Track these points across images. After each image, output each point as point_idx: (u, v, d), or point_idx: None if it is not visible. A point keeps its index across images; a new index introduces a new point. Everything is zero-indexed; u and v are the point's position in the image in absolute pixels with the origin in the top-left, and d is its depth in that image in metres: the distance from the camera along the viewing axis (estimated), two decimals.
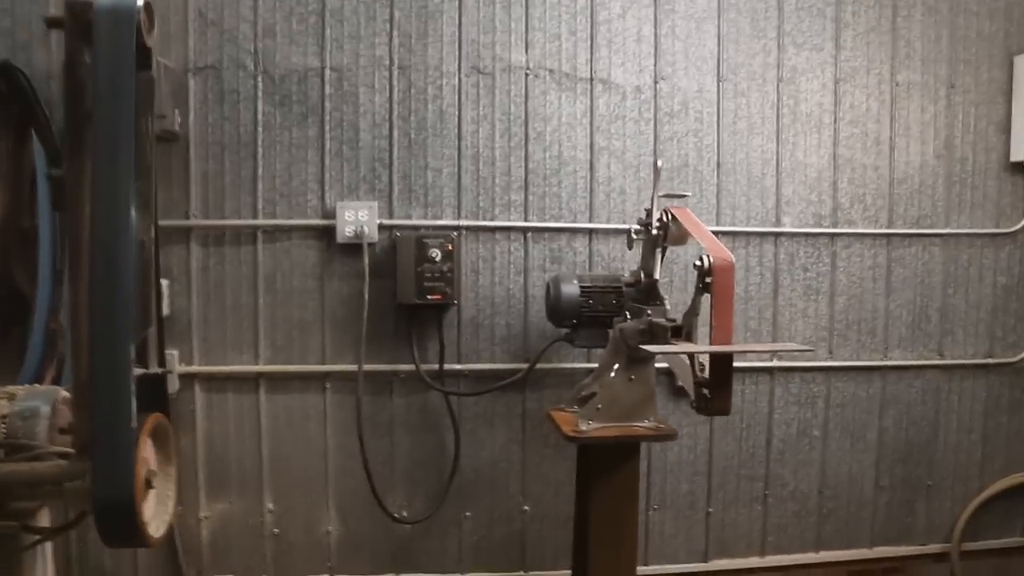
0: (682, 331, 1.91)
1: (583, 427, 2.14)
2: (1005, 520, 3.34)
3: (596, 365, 2.83)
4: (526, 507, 2.90)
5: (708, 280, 1.73)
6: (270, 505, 2.74)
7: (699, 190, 2.91)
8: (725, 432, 3.03)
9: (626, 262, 2.89)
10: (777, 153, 2.99)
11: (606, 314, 2.45)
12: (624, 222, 2.87)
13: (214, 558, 2.73)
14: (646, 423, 2.19)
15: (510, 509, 2.90)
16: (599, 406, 2.16)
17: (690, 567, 3.01)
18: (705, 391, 1.83)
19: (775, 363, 3.04)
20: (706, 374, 1.85)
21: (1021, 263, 3.26)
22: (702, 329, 1.87)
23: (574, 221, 2.85)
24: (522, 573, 2.91)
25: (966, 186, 3.18)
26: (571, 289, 2.43)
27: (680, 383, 2.86)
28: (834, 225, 3.04)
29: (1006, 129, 3.19)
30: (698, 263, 1.78)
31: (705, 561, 3.05)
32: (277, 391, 2.71)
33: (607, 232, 2.88)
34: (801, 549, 3.13)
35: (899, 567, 3.25)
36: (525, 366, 2.81)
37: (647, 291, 2.29)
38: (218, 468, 2.71)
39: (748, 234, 2.96)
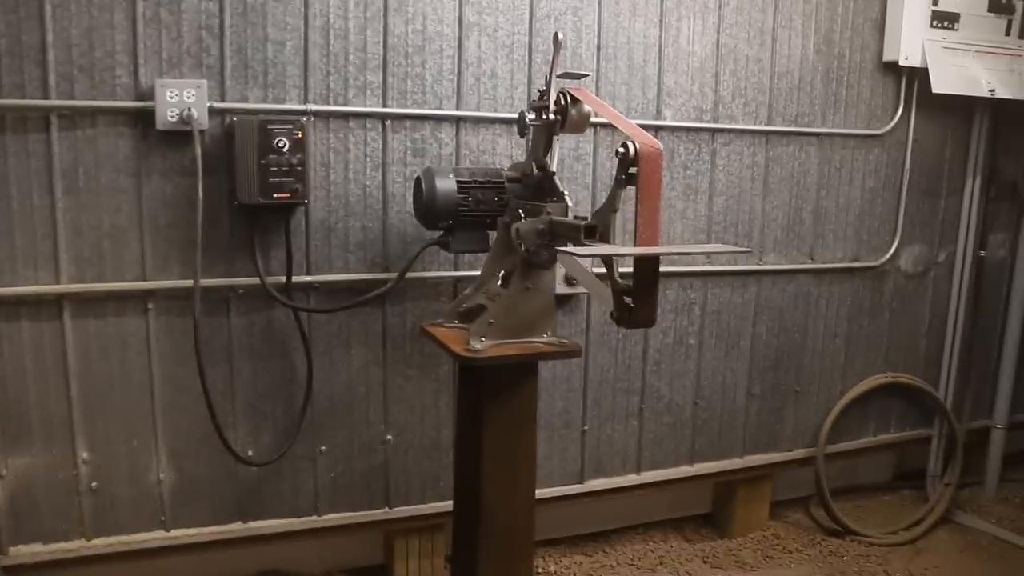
0: (595, 231, 2.17)
1: (476, 345, 2.28)
2: (862, 422, 4.07)
3: (467, 273, 3.10)
4: (389, 436, 3.12)
5: (632, 171, 1.92)
6: (84, 455, 2.70)
7: None
8: (601, 344, 3.39)
9: (497, 156, 3.10)
10: (660, 39, 3.27)
11: (487, 214, 2.64)
12: (495, 110, 3.03)
13: (16, 525, 2.66)
14: (545, 338, 2.39)
15: (371, 440, 3.11)
16: (491, 320, 2.37)
17: (566, 490, 3.39)
18: (628, 300, 2.12)
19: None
20: (626, 281, 2.14)
21: (888, 166, 3.87)
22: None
23: (440, 108, 2.97)
24: (387, 510, 3.15)
25: (842, 84, 3.67)
26: (447, 185, 2.59)
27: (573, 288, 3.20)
28: (715, 120, 3.42)
29: (881, 27, 3.75)
30: (621, 150, 1.94)
31: (581, 483, 3.45)
32: (86, 315, 2.63)
33: (477, 121, 3.02)
34: (675, 463, 3.62)
35: (766, 475, 3.91)
36: (384, 276, 2.96)
37: (539, 186, 2.48)
38: (15, 415, 2.61)
39: None
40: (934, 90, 3.66)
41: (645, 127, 3.15)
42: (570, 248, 2.12)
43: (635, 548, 3.61)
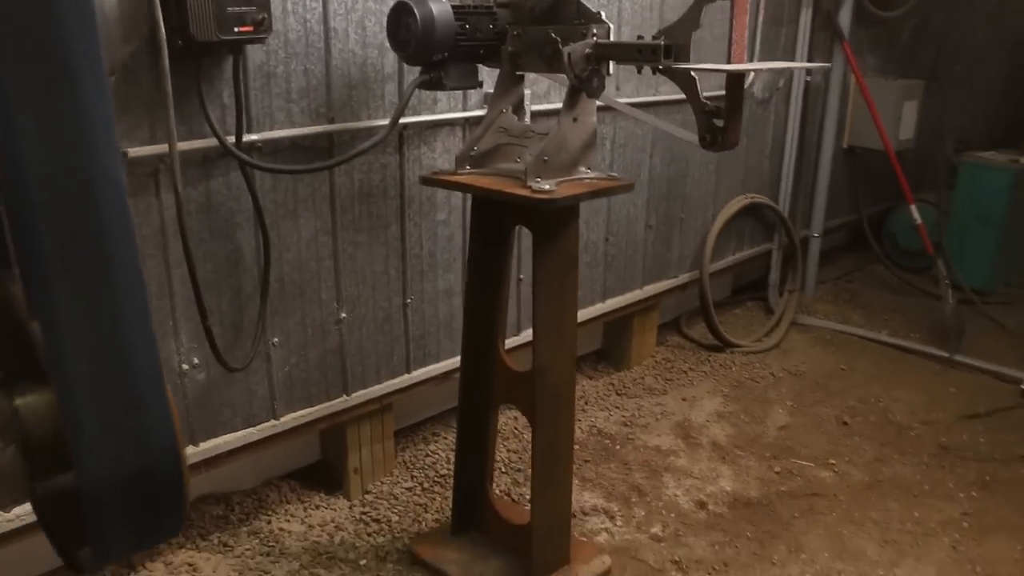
0: (672, 51, 2.04)
1: (546, 187, 2.11)
2: (728, 242, 4.38)
3: (412, 119, 2.79)
4: (343, 314, 2.78)
5: None
6: None
7: None
8: None
9: None
10: None
11: (481, 44, 2.35)
12: None
13: None
14: (592, 172, 2.27)
15: (324, 321, 2.75)
16: (545, 158, 2.17)
17: (511, 342, 3.33)
18: (718, 122, 2.03)
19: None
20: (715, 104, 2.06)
21: None
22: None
23: None
24: (346, 398, 2.86)
25: None
26: (443, 10, 2.24)
27: None
28: None
29: None
30: None
31: (517, 335, 3.41)
32: None
33: None
34: (592, 302, 3.69)
35: (655, 304, 4.10)
36: (331, 128, 2.55)
37: (552, 10, 2.27)
38: None
39: None
40: None
41: None
42: (698, 65, 1.99)
43: None
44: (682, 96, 2.14)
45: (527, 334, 3.37)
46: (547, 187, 2.10)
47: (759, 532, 2.82)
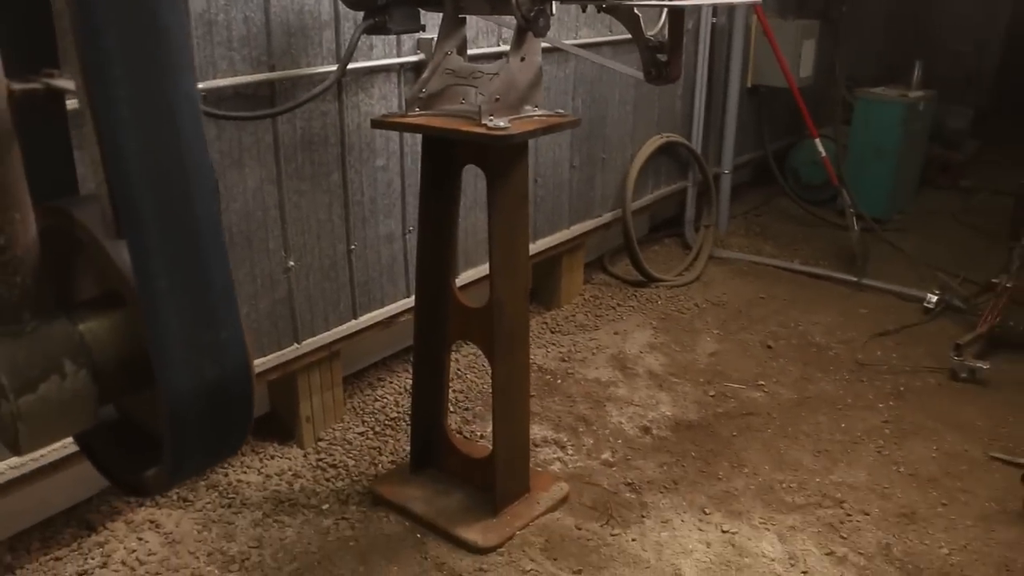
0: None
1: (501, 123, 2.15)
2: (646, 180, 4.55)
3: (365, 64, 2.80)
4: (291, 263, 2.77)
5: None
6: None
7: None
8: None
9: None
10: None
11: None
12: None
13: None
14: (539, 110, 2.33)
15: (272, 270, 2.74)
16: (497, 97, 2.22)
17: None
18: (660, 56, 2.11)
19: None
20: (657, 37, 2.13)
21: None
22: None
23: None
24: (296, 346, 2.86)
25: None
26: None
27: None
28: None
29: None
30: None
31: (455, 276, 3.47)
32: None
33: None
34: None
35: (581, 243, 4.22)
36: (272, 76, 2.53)
37: None
38: None
39: None
40: None
41: None
42: (640, 1, 2.07)
43: None
44: (628, 36, 2.22)
45: (467, 275, 3.45)
46: (502, 124, 2.16)
47: (703, 451, 3.00)
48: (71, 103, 0.95)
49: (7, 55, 0.86)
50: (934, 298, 4.07)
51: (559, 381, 3.44)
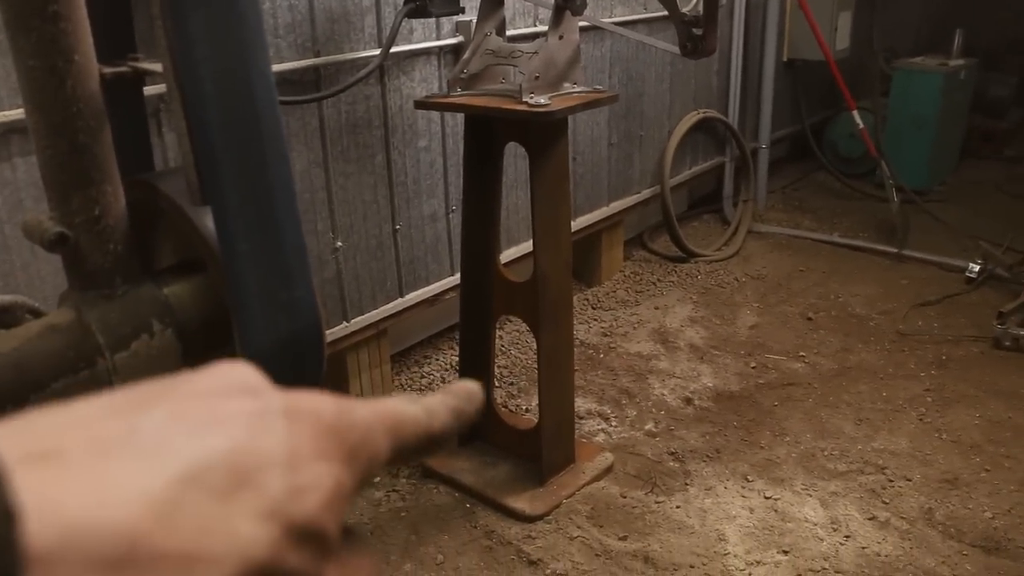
0: None
1: (542, 101, 2.21)
2: (684, 156, 4.58)
3: (406, 48, 2.88)
4: (339, 243, 2.88)
5: None
6: None
7: None
8: None
9: None
10: None
11: None
12: None
13: None
14: (578, 87, 2.40)
15: (321, 251, 2.84)
16: (537, 75, 2.30)
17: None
18: (696, 31, 2.16)
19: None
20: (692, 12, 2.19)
21: None
22: None
23: None
24: (345, 325, 2.97)
25: None
26: None
27: None
28: None
29: None
30: None
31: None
32: None
33: None
34: None
35: (620, 220, 4.27)
36: (318, 61, 2.61)
37: None
38: None
39: None
40: None
41: None
42: None
43: None
44: (662, 14, 2.27)
45: (509, 252, 3.52)
46: (543, 101, 2.22)
47: (744, 421, 3.05)
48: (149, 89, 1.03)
49: (97, 42, 0.94)
50: (976, 267, 4.06)
51: (602, 355, 3.50)
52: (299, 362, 1.02)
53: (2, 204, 2.03)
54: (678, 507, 2.62)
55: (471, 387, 0.48)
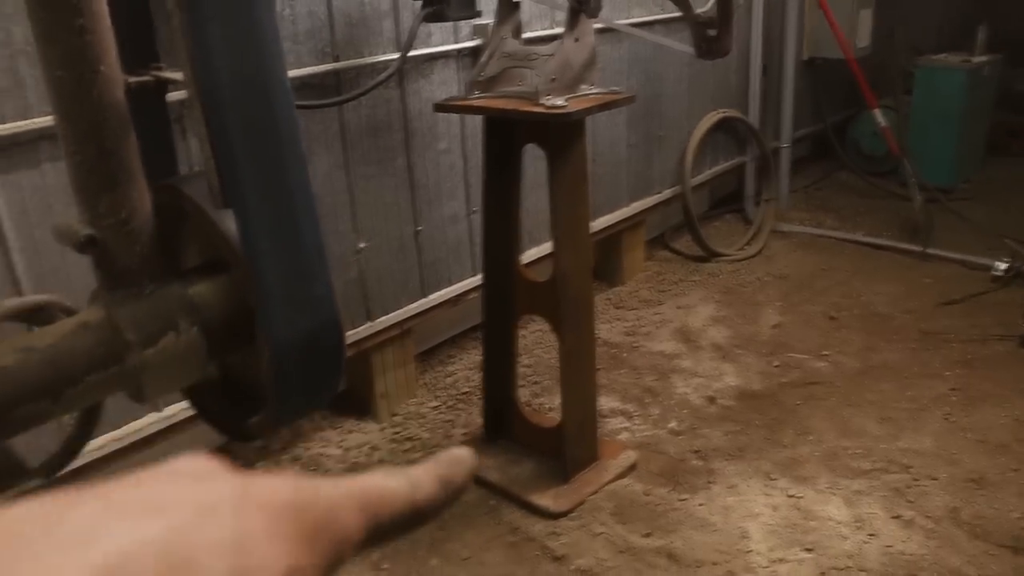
0: None
1: (559, 102, 2.23)
2: (705, 157, 4.58)
3: (425, 51, 2.91)
4: (362, 244, 2.92)
5: None
6: None
7: None
8: None
9: None
10: None
11: None
12: None
13: None
14: (594, 88, 2.42)
15: (344, 252, 2.88)
16: (553, 77, 2.32)
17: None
18: (710, 31, 2.17)
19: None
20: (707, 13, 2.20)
21: None
22: None
23: None
24: (369, 324, 3.01)
25: None
26: None
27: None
28: None
29: None
30: None
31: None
32: None
33: None
34: None
35: (641, 220, 4.28)
36: (337, 66, 2.65)
37: None
38: None
39: None
40: None
41: None
42: None
43: None
44: (679, 14, 2.28)
45: (530, 253, 3.54)
46: (560, 103, 2.24)
47: (767, 420, 3.04)
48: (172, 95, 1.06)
49: (121, 53, 0.97)
50: (1003, 266, 4.02)
51: (625, 354, 3.51)
52: (319, 356, 1.04)
53: (33, 208, 2.08)
54: (701, 505, 2.62)
55: (460, 453, 0.46)
